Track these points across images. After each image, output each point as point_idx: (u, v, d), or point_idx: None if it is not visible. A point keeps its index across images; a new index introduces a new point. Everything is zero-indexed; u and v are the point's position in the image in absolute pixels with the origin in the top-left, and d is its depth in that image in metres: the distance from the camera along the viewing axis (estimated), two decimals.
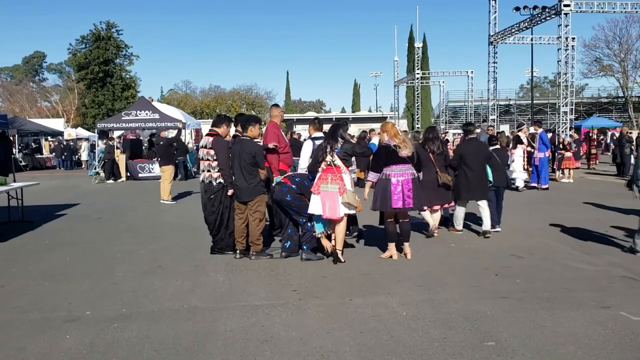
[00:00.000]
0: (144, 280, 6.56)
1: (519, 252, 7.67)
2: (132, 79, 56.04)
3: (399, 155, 7.14)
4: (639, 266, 6.78)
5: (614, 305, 5.29)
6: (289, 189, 7.32)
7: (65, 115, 53.25)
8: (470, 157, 8.88)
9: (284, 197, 7.31)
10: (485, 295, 5.71)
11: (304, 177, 7.49)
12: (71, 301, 5.77)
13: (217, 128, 7.83)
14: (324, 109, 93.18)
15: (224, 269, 7.03)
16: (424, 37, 60.70)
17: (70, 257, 7.99)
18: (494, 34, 30.75)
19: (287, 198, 7.30)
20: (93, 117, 49.26)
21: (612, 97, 54.58)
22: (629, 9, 25.87)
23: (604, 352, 4.20)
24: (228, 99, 68.20)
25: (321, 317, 5.13)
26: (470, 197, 9.02)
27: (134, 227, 10.68)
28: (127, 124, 23.94)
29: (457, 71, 47.03)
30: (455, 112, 59.29)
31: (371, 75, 71.70)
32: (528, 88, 60.81)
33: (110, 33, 52.28)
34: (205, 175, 7.74)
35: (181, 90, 73.88)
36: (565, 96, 24.19)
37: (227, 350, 4.40)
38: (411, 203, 7.17)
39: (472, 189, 8.86)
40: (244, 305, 5.53)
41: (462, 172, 8.91)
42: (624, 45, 45.08)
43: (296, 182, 7.38)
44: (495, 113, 33.33)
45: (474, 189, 8.86)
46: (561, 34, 24.11)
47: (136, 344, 4.55)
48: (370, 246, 8.15)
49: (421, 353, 4.25)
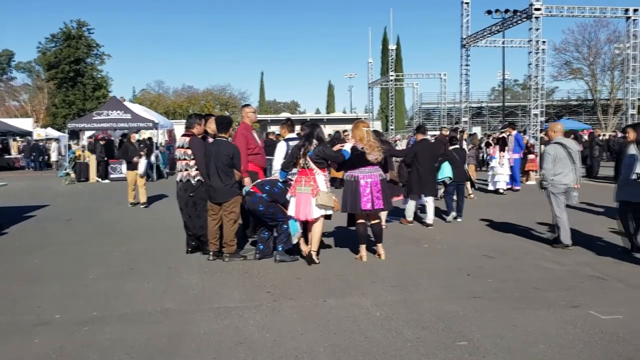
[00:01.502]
0: (116, 283, 6.47)
1: (491, 253, 7.77)
2: (104, 78, 55.33)
3: (367, 159, 7.14)
4: (606, 266, 6.92)
5: (583, 304, 5.39)
6: (259, 199, 7.25)
7: (35, 115, 52.25)
8: (422, 155, 9.90)
9: (256, 207, 7.28)
10: (457, 296, 5.77)
11: (274, 183, 7.40)
12: (40, 304, 5.66)
13: (191, 129, 7.82)
14: (298, 109, 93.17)
15: (198, 270, 6.97)
16: (398, 39, 61.19)
17: (39, 259, 7.84)
18: (467, 36, 31.10)
19: (260, 208, 7.26)
20: (63, 117, 48.48)
21: (581, 99, 55.63)
22: (597, 13, 26.40)
23: (573, 351, 4.28)
24: (201, 99, 67.64)
25: (295, 318, 5.13)
26: (422, 191, 10.04)
27: (105, 228, 10.53)
28: (99, 124, 23.61)
29: (430, 73, 47.42)
30: (428, 114, 59.75)
31: (346, 77, 72.05)
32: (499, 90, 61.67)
33: (81, 32, 51.57)
34: (183, 174, 7.70)
35: (154, 91, 73.07)
36: (536, 99, 24.57)
37: (200, 352, 4.37)
38: (381, 204, 7.19)
39: (423, 184, 9.91)
40: (217, 307, 5.49)
41: (415, 169, 9.90)
42: (593, 49, 46.01)
43: (266, 191, 7.29)
44: (468, 115, 33.72)
45: (424, 184, 9.92)
46: (532, 38, 24.49)
47: (108, 347, 4.49)
48: (345, 247, 8.16)
49: (395, 353, 4.27)
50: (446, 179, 10.69)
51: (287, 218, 7.23)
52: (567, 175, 7.93)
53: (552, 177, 7.97)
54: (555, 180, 7.95)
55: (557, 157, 7.97)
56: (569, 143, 8.10)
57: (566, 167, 7.94)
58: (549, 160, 8.04)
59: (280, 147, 8.18)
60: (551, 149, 8.11)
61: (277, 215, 7.27)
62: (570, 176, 7.94)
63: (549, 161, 8.03)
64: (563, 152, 7.95)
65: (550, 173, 7.99)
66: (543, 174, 8.20)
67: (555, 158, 7.97)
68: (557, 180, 7.95)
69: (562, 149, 7.98)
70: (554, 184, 7.97)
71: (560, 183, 7.94)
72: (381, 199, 7.17)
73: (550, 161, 8.00)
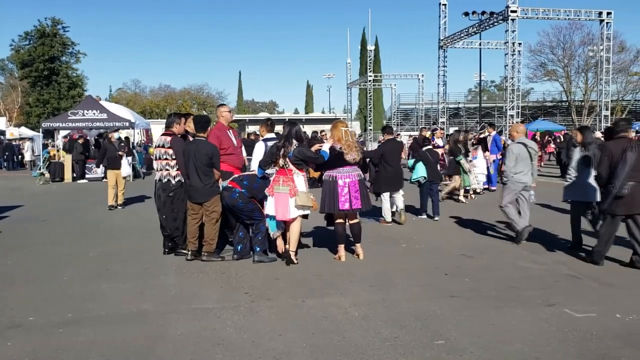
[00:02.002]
0: (92, 284, 6.38)
1: (469, 252, 7.83)
2: (79, 77, 54.58)
3: (345, 159, 7.15)
4: (582, 265, 7.02)
5: (558, 303, 5.47)
6: (240, 195, 7.16)
7: (8, 114, 51.27)
8: (389, 155, 10.16)
9: (236, 203, 7.20)
10: (435, 295, 5.80)
11: (253, 179, 7.35)
12: (13, 307, 5.56)
13: (171, 128, 7.77)
14: (277, 109, 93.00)
15: (175, 271, 6.91)
16: (376, 40, 61.41)
17: (12, 260, 7.70)
18: (444, 38, 31.37)
19: (239, 204, 7.18)
20: (38, 116, 47.72)
21: (556, 101, 56.37)
22: (572, 16, 26.84)
23: (548, 348, 4.33)
24: (178, 99, 67.21)
25: (273, 319, 5.11)
26: (389, 189, 10.27)
27: (81, 229, 10.39)
28: (74, 123, 23.28)
29: (408, 74, 47.76)
30: (406, 115, 60.07)
31: (324, 77, 72.02)
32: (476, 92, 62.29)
33: (56, 30, 50.82)
34: (162, 174, 7.62)
35: (130, 90, 72.42)
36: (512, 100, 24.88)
37: (177, 354, 4.32)
38: (359, 204, 7.20)
39: (390, 182, 10.18)
40: (194, 308, 5.45)
41: (382, 167, 10.16)
42: (568, 51, 46.51)
43: (245, 186, 7.21)
44: (445, 116, 33.99)
45: (391, 182, 10.19)
46: (508, 39, 24.80)
47: (83, 349, 4.42)
48: (324, 247, 8.16)
49: (373, 353, 4.28)
50: (421, 178, 11.05)
51: (264, 217, 7.20)
52: (527, 174, 8.39)
53: (513, 174, 8.36)
54: (515, 178, 8.34)
55: (520, 156, 8.35)
56: (530, 143, 8.55)
57: (526, 167, 8.38)
58: (512, 158, 8.39)
59: (258, 147, 8.11)
60: (515, 148, 8.45)
61: (255, 214, 7.22)
62: (529, 175, 8.41)
63: (512, 159, 8.39)
64: (525, 152, 8.37)
65: (512, 171, 8.37)
66: (505, 171, 8.66)
67: (518, 157, 8.35)
68: (516, 179, 8.34)
69: (525, 148, 8.38)
70: (514, 181, 8.36)
71: (520, 181, 8.35)
72: (359, 199, 7.18)
73: (513, 159, 8.36)
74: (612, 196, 6.70)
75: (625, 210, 6.75)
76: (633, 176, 6.62)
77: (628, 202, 6.67)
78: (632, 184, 6.60)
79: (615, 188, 6.64)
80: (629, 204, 6.69)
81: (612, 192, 6.70)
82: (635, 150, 6.68)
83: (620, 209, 6.74)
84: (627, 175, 6.61)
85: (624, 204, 6.69)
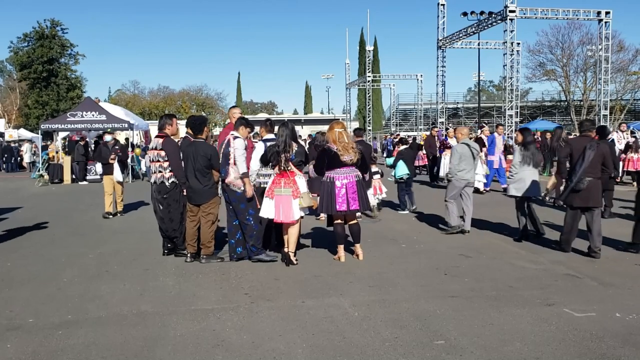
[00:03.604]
0: (91, 285, 6.37)
1: (467, 252, 7.83)
2: (78, 79, 54.51)
3: (341, 160, 7.14)
4: (580, 264, 7.03)
5: (557, 302, 5.47)
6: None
7: (6, 116, 51.24)
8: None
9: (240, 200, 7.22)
10: (435, 295, 5.80)
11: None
12: (13, 308, 5.55)
13: (164, 129, 7.77)
14: (276, 110, 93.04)
15: (174, 272, 6.91)
16: (375, 40, 61.54)
17: (12, 262, 7.69)
18: (443, 38, 31.38)
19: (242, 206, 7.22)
20: (36, 118, 47.65)
21: (555, 100, 56.41)
22: (570, 15, 26.85)
23: (548, 348, 4.33)
24: (177, 100, 67.11)
25: (273, 319, 5.11)
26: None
27: (80, 230, 10.38)
28: (73, 125, 23.26)
29: (407, 74, 47.79)
30: (405, 115, 60.11)
31: (323, 78, 72.05)
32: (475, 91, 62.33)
33: (55, 31, 50.74)
34: (157, 176, 7.62)
35: (129, 91, 72.24)
36: (511, 100, 24.89)
37: (177, 355, 4.32)
38: (357, 205, 7.18)
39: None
40: (194, 309, 5.44)
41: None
42: (566, 51, 46.53)
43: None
44: (444, 116, 34.01)
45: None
46: (507, 39, 24.81)
47: (82, 351, 4.42)
48: (323, 248, 8.16)
49: (372, 353, 4.28)
50: (404, 175, 11.83)
51: (256, 219, 7.24)
52: (469, 172, 9.26)
53: (456, 172, 9.20)
54: (459, 176, 9.19)
55: (463, 156, 9.18)
56: (472, 144, 9.50)
57: (469, 165, 9.22)
58: (456, 157, 9.25)
59: (259, 148, 8.11)
60: (459, 148, 9.33)
61: (250, 212, 7.24)
62: (471, 173, 9.30)
63: (456, 158, 9.24)
64: (468, 152, 9.20)
65: (456, 169, 9.19)
66: (450, 169, 9.42)
67: (462, 156, 9.18)
68: (460, 176, 9.20)
69: (468, 148, 9.23)
70: (458, 178, 9.21)
71: (463, 178, 9.21)
72: (357, 200, 7.17)
73: (457, 158, 9.21)
74: (570, 189, 7.35)
75: (581, 202, 7.35)
76: (590, 172, 7.22)
77: (584, 195, 7.27)
78: (589, 179, 7.21)
79: (573, 182, 7.26)
80: (584, 198, 7.29)
81: (570, 185, 7.33)
82: (595, 149, 7.26)
83: (577, 201, 7.36)
84: (584, 171, 7.19)
85: (580, 197, 7.31)
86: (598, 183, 7.36)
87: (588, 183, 7.20)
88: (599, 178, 7.36)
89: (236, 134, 7.28)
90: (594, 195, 7.31)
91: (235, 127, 7.46)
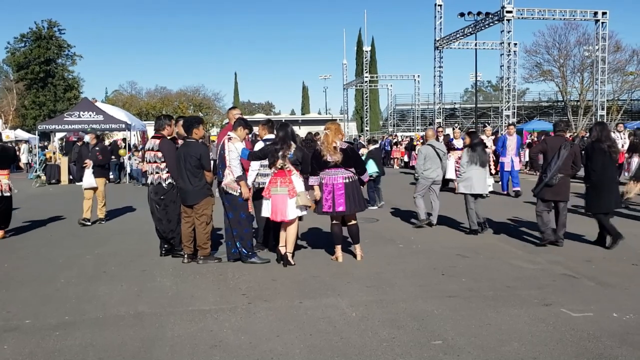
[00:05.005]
0: (89, 286, 6.36)
1: (465, 252, 7.84)
2: (75, 79, 54.53)
3: (326, 161, 7.12)
4: (578, 264, 7.04)
5: (555, 302, 5.48)
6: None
7: (3, 117, 51.13)
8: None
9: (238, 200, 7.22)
10: (432, 295, 5.81)
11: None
12: (10, 309, 5.54)
13: (161, 130, 7.75)
14: (273, 111, 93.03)
15: (172, 273, 6.90)
16: (372, 41, 61.63)
17: (9, 263, 7.68)
18: (440, 38, 31.43)
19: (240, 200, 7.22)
20: (34, 119, 47.62)
21: (552, 101, 56.45)
22: (567, 16, 26.92)
23: (546, 348, 4.34)
24: (174, 100, 67.04)
25: (271, 320, 5.10)
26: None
27: (77, 231, 10.37)
28: (70, 125, 23.23)
29: (404, 75, 47.93)
30: (402, 115, 60.15)
31: (320, 78, 72.07)
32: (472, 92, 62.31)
33: (52, 32, 50.73)
34: (154, 177, 7.60)
35: (126, 92, 72.19)
36: (508, 100, 24.94)
37: (174, 356, 4.32)
38: (343, 207, 7.12)
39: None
40: (192, 310, 5.44)
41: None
42: (563, 51, 46.51)
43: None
44: (441, 116, 34.05)
45: None
46: (504, 40, 24.86)
47: (79, 352, 4.41)
48: (321, 248, 8.16)
49: (370, 353, 4.28)
50: (374, 174, 12.23)
51: (248, 222, 7.26)
52: (435, 170, 10.05)
53: (422, 171, 10.04)
54: (425, 174, 10.05)
55: (428, 156, 10.01)
56: (437, 145, 10.37)
57: (434, 164, 10.04)
58: (421, 157, 10.11)
59: (258, 147, 8.11)
60: (424, 149, 10.24)
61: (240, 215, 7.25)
62: (437, 172, 10.08)
63: (421, 159, 10.12)
64: (433, 152, 10.03)
65: (422, 168, 10.06)
66: (416, 168, 10.32)
67: (426, 156, 10.01)
68: (426, 175, 10.05)
69: (432, 149, 10.04)
70: (424, 177, 10.06)
71: (429, 177, 10.04)
72: (343, 202, 7.12)
73: (422, 159, 10.07)
74: (543, 184, 8.00)
75: (552, 196, 8.03)
76: (562, 169, 7.88)
77: (555, 190, 7.96)
78: (561, 176, 7.89)
79: (547, 178, 7.91)
80: (555, 192, 7.98)
81: (544, 180, 7.99)
82: (568, 148, 7.94)
83: (548, 195, 8.02)
84: (557, 168, 7.86)
85: (551, 191, 7.99)
86: (567, 180, 8.05)
87: (559, 179, 7.88)
88: (568, 175, 8.06)
89: (232, 134, 7.27)
90: (564, 191, 8.03)
91: (234, 128, 7.45)
